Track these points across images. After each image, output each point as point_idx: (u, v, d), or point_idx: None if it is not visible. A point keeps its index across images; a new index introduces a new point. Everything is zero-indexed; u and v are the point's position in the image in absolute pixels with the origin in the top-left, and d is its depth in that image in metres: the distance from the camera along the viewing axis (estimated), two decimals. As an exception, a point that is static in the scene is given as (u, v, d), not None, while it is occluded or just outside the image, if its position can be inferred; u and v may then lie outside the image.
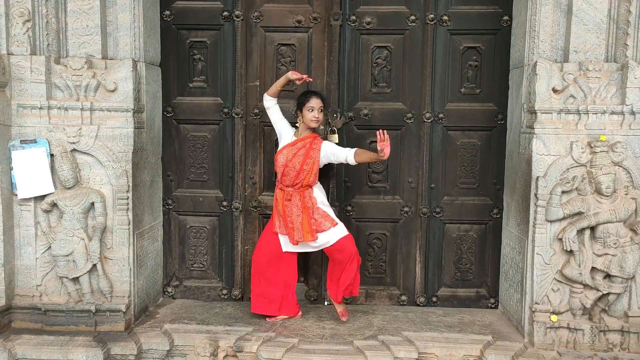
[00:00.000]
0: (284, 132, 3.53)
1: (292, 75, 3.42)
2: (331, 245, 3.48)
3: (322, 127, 3.73)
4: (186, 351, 3.37)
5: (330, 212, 3.55)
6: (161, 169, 3.91)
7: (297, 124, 3.55)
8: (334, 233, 3.47)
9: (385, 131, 3.28)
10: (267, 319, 3.63)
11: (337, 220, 3.53)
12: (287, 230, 3.49)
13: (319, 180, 3.57)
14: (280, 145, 3.53)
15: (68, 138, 3.34)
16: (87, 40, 3.38)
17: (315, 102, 3.43)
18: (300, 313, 3.69)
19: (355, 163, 3.39)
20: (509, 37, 3.68)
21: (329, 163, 3.56)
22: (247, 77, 3.83)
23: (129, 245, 3.43)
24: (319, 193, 3.58)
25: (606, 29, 3.24)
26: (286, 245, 3.56)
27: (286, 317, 3.65)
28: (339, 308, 3.63)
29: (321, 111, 3.46)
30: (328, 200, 3.69)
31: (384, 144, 3.24)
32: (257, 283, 3.64)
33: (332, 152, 3.44)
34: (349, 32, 3.80)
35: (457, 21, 3.74)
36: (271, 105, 3.53)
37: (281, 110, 3.60)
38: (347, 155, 3.39)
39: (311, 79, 3.58)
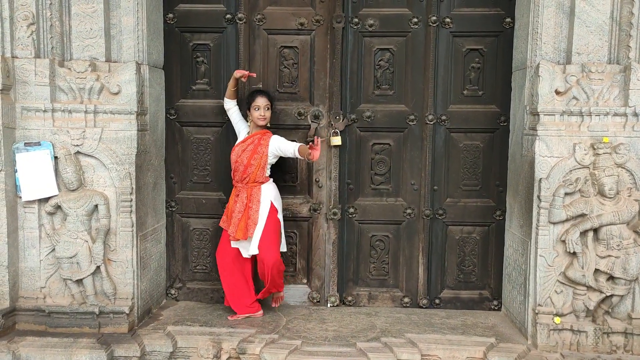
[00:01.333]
0: (241, 132, 3.68)
1: (236, 73, 3.58)
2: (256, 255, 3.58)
3: (312, 122, 3.73)
4: (189, 353, 3.37)
5: (263, 223, 3.53)
6: (164, 171, 3.92)
7: (248, 123, 3.66)
8: (252, 245, 3.54)
9: (321, 140, 3.48)
10: (230, 316, 3.66)
11: (258, 234, 3.52)
12: (228, 224, 3.58)
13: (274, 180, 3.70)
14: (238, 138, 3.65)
15: (72, 140, 3.35)
16: (90, 43, 3.39)
17: (261, 101, 3.54)
18: (261, 312, 3.71)
19: (299, 156, 3.46)
20: (512, 39, 3.68)
21: (283, 158, 3.69)
22: (250, 79, 3.83)
23: (133, 247, 3.44)
24: (269, 193, 3.59)
25: (609, 30, 3.24)
26: (244, 251, 3.61)
27: (248, 315, 3.67)
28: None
29: (268, 109, 3.56)
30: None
31: (315, 149, 3.32)
32: (223, 279, 3.70)
33: (279, 146, 3.51)
34: (352, 35, 3.80)
35: (460, 23, 3.75)
36: (230, 106, 3.69)
37: (283, 113, 3.63)
38: (293, 149, 3.45)
39: (254, 74, 3.66)
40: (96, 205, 3.37)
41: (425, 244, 3.90)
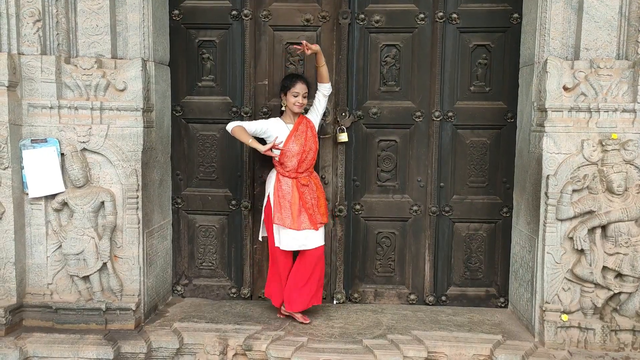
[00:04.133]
0: (270, 127, 3.44)
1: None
2: (319, 246, 3.50)
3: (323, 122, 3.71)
4: (196, 349, 3.38)
5: None
6: (170, 168, 3.92)
7: (282, 108, 3.55)
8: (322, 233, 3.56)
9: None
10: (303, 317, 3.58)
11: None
12: (308, 218, 3.42)
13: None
14: (278, 138, 3.39)
15: (78, 137, 3.36)
16: (96, 40, 3.39)
17: (300, 88, 3.43)
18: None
19: (325, 91, 3.51)
20: (519, 34, 3.66)
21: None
22: (256, 76, 3.83)
23: (139, 244, 3.45)
24: None
25: (617, 26, 3.21)
26: (287, 244, 3.47)
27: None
28: (299, 315, 3.58)
29: (305, 97, 3.45)
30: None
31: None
32: (276, 279, 3.61)
33: (317, 118, 3.56)
34: (358, 31, 3.79)
35: (467, 19, 3.72)
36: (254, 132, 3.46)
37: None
38: (318, 97, 3.53)
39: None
40: (102, 202, 3.38)
41: (432, 241, 3.88)
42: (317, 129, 3.57)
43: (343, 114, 3.80)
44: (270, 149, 3.31)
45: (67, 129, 3.36)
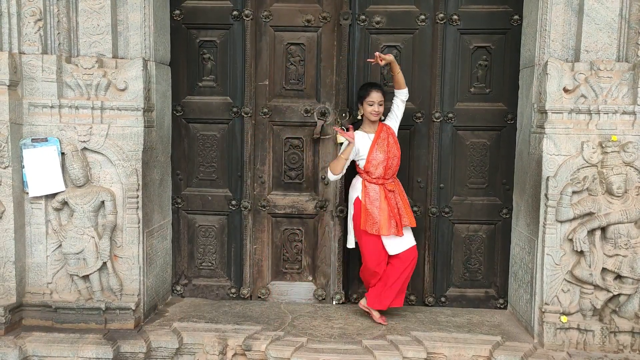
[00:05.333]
0: (357, 143, 3.46)
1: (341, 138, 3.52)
2: (408, 249, 3.52)
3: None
4: (195, 349, 3.38)
5: None
6: (170, 168, 3.92)
7: (359, 117, 3.60)
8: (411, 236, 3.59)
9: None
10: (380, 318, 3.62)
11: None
12: (396, 222, 3.44)
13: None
14: (366, 152, 3.46)
15: (79, 137, 3.36)
16: (97, 39, 3.39)
17: (375, 97, 3.47)
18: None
19: (403, 96, 3.56)
20: (520, 36, 3.66)
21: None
22: (257, 76, 3.84)
23: (139, 243, 3.45)
24: None
25: (618, 28, 3.22)
26: (394, 248, 3.50)
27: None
28: (378, 315, 3.64)
29: (381, 104, 3.48)
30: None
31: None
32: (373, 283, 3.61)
33: (396, 124, 3.57)
34: (359, 32, 3.79)
35: (467, 20, 3.73)
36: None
37: (290, 110, 3.59)
38: (396, 103, 3.56)
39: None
40: (103, 202, 3.38)
41: (432, 242, 3.89)
42: (396, 134, 3.55)
43: (343, 114, 3.80)
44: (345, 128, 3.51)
45: (67, 128, 3.36)
